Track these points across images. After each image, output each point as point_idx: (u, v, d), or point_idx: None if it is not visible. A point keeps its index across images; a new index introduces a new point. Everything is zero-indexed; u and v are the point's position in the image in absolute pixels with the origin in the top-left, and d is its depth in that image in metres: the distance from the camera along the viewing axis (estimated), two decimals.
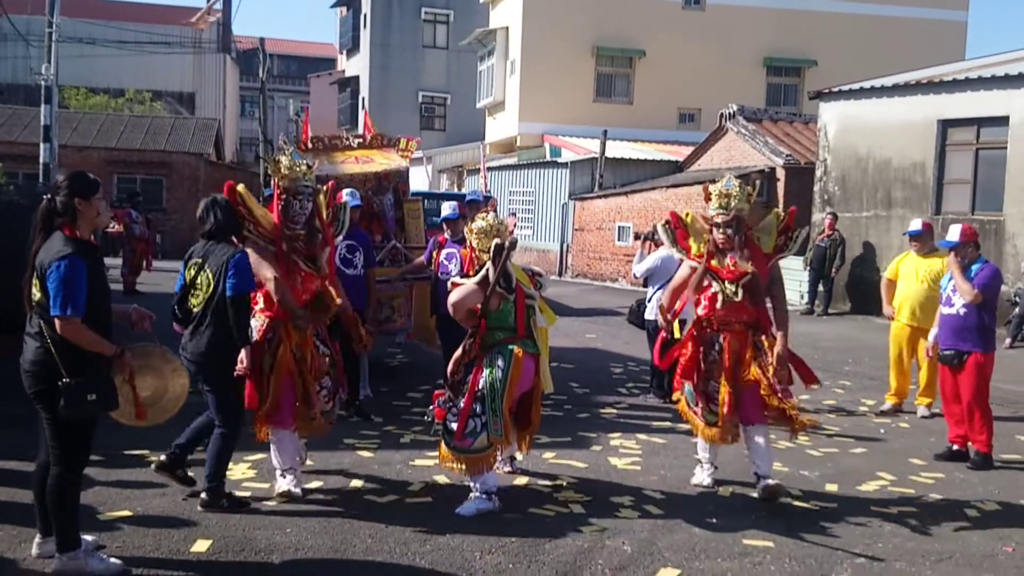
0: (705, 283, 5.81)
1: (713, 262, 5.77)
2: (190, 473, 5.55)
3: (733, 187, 5.72)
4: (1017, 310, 13.93)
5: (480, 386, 5.48)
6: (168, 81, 40.29)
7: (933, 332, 7.46)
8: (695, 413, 6.01)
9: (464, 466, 5.46)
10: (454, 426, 5.47)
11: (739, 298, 5.66)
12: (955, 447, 7.18)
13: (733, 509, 5.71)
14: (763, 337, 5.77)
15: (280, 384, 5.42)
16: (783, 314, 5.78)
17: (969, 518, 5.75)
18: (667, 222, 6.13)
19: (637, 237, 9.73)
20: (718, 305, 5.76)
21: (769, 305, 5.89)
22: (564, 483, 6.15)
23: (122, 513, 5.16)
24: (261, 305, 5.51)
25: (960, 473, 6.80)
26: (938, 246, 8.37)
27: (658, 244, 9.26)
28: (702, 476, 6.19)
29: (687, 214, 6.09)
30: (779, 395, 5.65)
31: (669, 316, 6.12)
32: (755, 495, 5.87)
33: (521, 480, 6.18)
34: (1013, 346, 13.46)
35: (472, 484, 5.53)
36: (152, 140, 29.83)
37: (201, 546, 4.73)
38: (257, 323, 5.45)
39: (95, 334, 4.22)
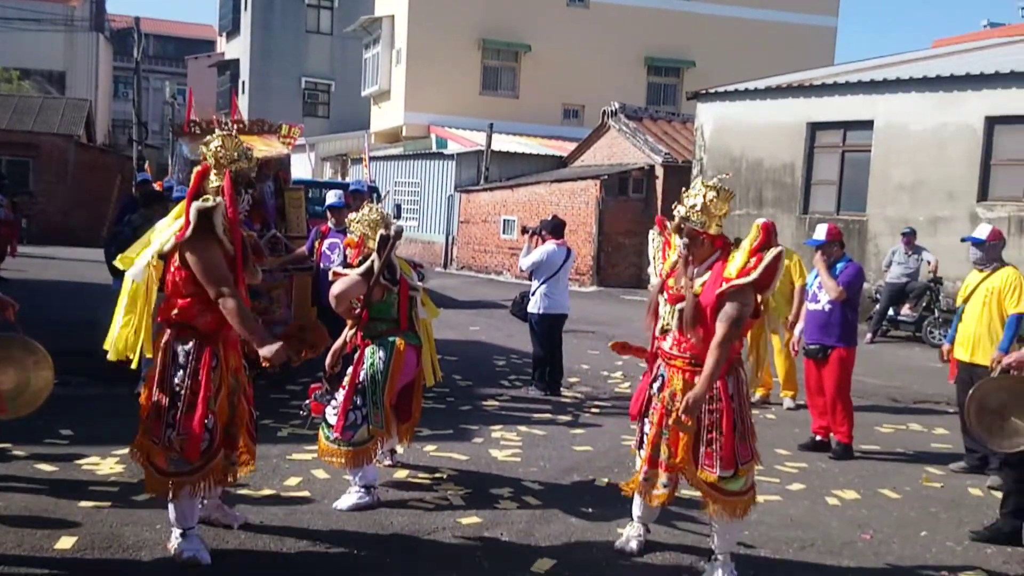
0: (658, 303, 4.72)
1: (671, 280, 4.67)
2: None
3: (693, 191, 4.58)
4: (878, 306, 14.65)
5: (361, 378, 5.45)
6: (37, 59, 38.40)
7: (799, 328, 7.79)
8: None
9: (344, 459, 5.41)
10: (334, 419, 5.42)
11: (671, 327, 4.58)
12: (818, 438, 7.50)
13: (608, 499, 5.82)
14: (715, 385, 4.45)
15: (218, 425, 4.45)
16: (713, 356, 4.34)
17: (830, 507, 6.03)
18: (655, 229, 4.95)
19: (524, 231, 9.80)
20: (657, 332, 4.72)
21: None
22: (444, 475, 6.17)
23: None
24: (199, 321, 4.42)
25: (822, 463, 7.11)
26: (805, 244, 8.76)
27: (544, 239, 9.37)
28: (627, 539, 4.99)
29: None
30: (702, 465, 4.48)
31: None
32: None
33: (401, 473, 6.17)
34: (874, 341, 14.16)
35: (351, 478, 5.49)
36: (19, 120, 28.40)
37: (66, 543, 4.54)
38: (189, 347, 4.41)
39: None
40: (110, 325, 4.68)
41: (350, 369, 5.54)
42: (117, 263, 4.77)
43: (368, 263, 5.43)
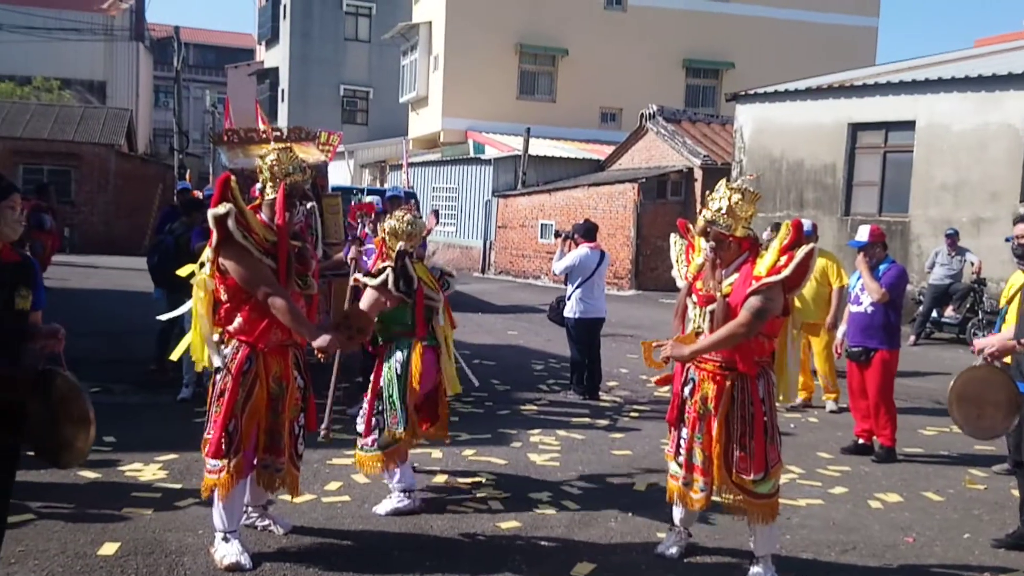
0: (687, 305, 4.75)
1: (698, 283, 4.66)
2: None
3: (717, 194, 4.56)
4: (921, 308, 14.44)
5: (381, 384, 5.47)
6: (78, 69, 39.02)
7: (841, 330, 7.69)
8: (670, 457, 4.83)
9: (378, 464, 5.41)
10: (362, 427, 5.46)
11: (703, 330, 4.55)
12: (861, 441, 7.41)
13: (648, 503, 5.80)
14: (745, 389, 4.50)
15: (247, 428, 4.51)
16: (722, 333, 4.39)
17: (872, 510, 5.95)
18: (677, 233, 5.03)
19: (557, 235, 9.80)
20: (685, 334, 4.72)
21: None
22: (483, 480, 6.17)
23: (25, 516, 4.98)
24: (236, 326, 4.52)
25: (865, 466, 7.02)
26: (847, 246, 8.67)
27: (577, 242, 9.35)
28: (668, 544, 4.96)
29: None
30: (736, 469, 4.50)
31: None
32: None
33: (440, 478, 6.18)
34: (917, 343, 13.95)
35: (390, 483, 5.51)
36: (60, 130, 28.84)
37: (109, 548, 4.61)
38: (228, 351, 4.54)
39: None
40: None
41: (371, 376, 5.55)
42: (180, 272, 4.92)
43: (383, 276, 5.39)
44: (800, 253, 4.40)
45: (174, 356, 4.97)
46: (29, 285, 3.74)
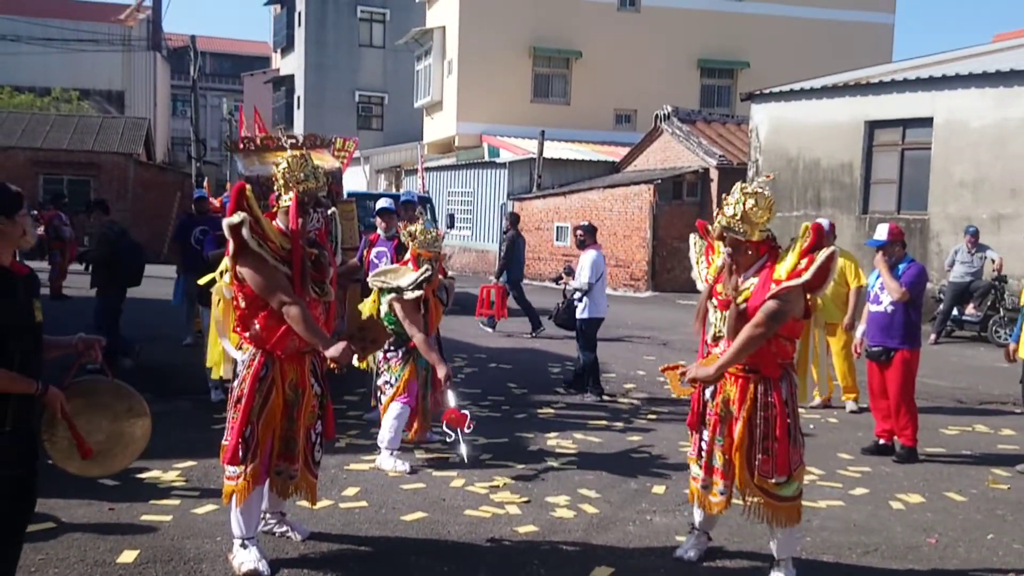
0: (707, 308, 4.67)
1: (719, 286, 4.60)
2: None
3: (732, 198, 4.47)
4: (942, 306, 14.32)
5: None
6: (96, 79, 39.37)
7: (860, 330, 7.63)
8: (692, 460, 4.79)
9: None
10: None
11: (723, 334, 4.49)
12: (881, 441, 7.34)
13: (666, 506, 5.77)
14: (768, 392, 4.45)
15: (263, 434, 4.51)
16: (739, 343, 4.35)
17: (894, 511, 5.89)
18: (696, 233, 4.96)
19: (559, 279, 9.86)
20: (708, 339, 4.63)
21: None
22: (500, 484, 6.15)
23: (45, 525, 4.99)
24: (253, 333, 4.53)
25: (886, 467, 6.96)
26: (866, 244, 8.60)
27: (585, 249, 9.45)
28: (687, 547, 4.92)
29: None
30: (759, 472, 4.45)
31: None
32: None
33: (458, 482, 6.17)
34: (938, 341, 13.84)
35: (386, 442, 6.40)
36: (80, 140, 29.08)
37: (128, 556, 4.62)
38: (245, 357, 4.56)
39: (7, 371, 3.38)
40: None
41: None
42: (200, 282, 5.05)
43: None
44: (821, 256, 4.33)
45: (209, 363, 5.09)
46: (39, 297, 3.71)
